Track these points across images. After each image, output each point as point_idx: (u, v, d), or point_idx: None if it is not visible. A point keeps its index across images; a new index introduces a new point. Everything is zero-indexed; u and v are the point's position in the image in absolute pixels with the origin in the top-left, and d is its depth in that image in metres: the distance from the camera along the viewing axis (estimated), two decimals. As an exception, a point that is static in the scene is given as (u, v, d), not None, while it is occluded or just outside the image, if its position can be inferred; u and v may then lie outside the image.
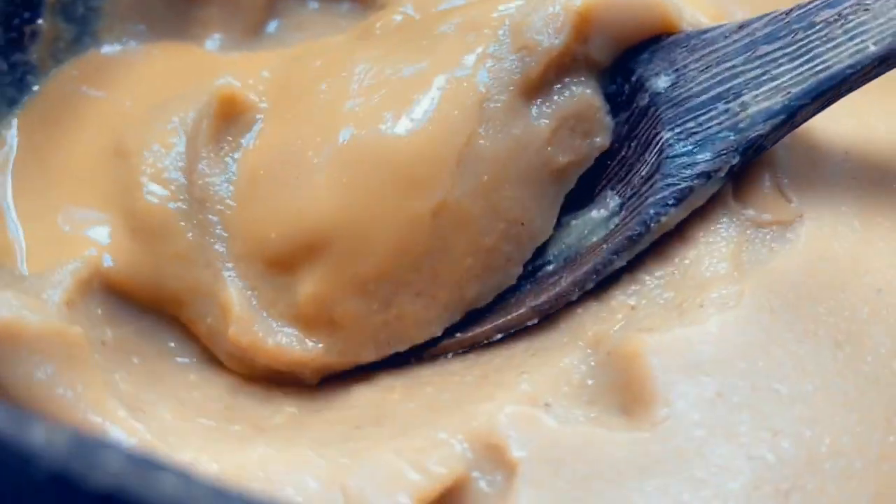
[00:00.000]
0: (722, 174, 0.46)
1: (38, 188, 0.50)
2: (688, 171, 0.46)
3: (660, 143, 0.47)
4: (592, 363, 0.44)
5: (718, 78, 0.47)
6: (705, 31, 0.49)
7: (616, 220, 0.48)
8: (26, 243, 0.48)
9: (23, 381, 0.40)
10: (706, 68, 0.48)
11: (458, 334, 0.47)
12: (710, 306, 0.43)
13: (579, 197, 0.49)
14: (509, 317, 0.47)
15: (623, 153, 0.49)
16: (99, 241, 0.48)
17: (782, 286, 0.44)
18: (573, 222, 0.49)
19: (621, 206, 0.48)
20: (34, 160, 0.51)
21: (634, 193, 0.48)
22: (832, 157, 0.49)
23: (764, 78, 0.46)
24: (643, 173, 0.48)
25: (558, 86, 0.48)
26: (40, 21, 0.54)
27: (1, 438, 0.25)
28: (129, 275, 0.47)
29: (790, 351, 0.42)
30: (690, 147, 0.47)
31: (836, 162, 0.49)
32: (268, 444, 0.41)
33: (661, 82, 0.49)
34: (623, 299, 0.45)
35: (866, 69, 0.45)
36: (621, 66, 0.49)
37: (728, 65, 0.47)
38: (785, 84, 0.46)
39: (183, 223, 0.47)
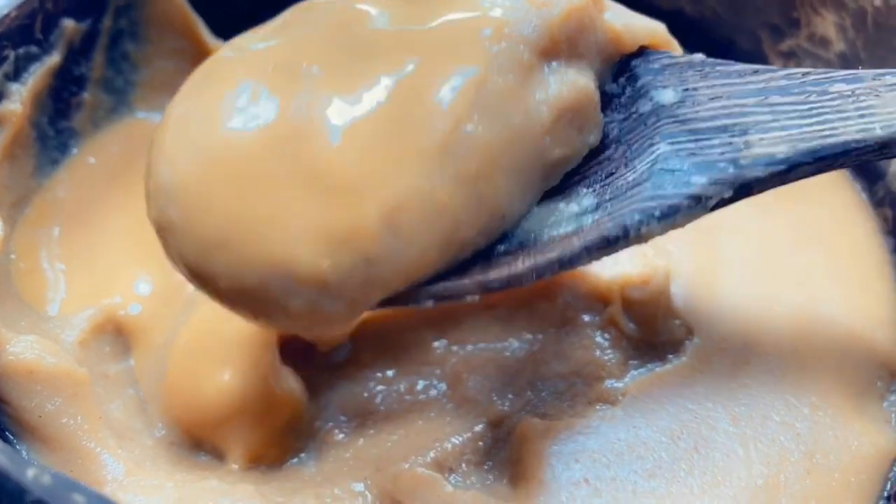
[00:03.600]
0: (711, 203, 0.45)
1: (79, 241, 0.60)
2: (680, 190, 0.45)
3: (655, 154, 0.46)
4: (495, 437, 0.53)
5: (727, 111, 0.47)
6: (720, 63, 0.49)
7: (590, 217, 0.46)
8: (62, 288, 0.58)
9: (36, 410, 0.50)
10: (716, 98, 0.48)
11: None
12: (596, 402, 0.53)
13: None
14: (448, 285, 0.44)
15: (608, 153, 0.48)
16: (123, 291, 0.57)
17: (660, 392, 0.53)
18: (535, 208, 0.46)
19: (597, 205, 0.46)
20: (78, 215, 0.60)
21: (616, 196, 0.46)
22: (728, 280, 0.58)
23: (773, 124, 0.46)
24: (629, 179, 0.46)
25: (567, 59, 0.46)
26: (85, 94, 0.64)
27: (6, 473, 0.36)
28: (140, 325, 0.57)
29: (652, 450, 0.50)
30: (687, 166, 0.45)
31: (731, 285, 0.57)
32: (221, 477, 0.51)
33: (668, 96, 0.48)
34: (528, 385, 0.54)
35: (869, 148, 0.46)
36: (626, 69, 0.50)
37: (739, 101, 0.47)
38: (792, 137, 0.46)
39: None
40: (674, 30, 0.74)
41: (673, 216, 0.44)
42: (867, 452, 0.51)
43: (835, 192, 0.63)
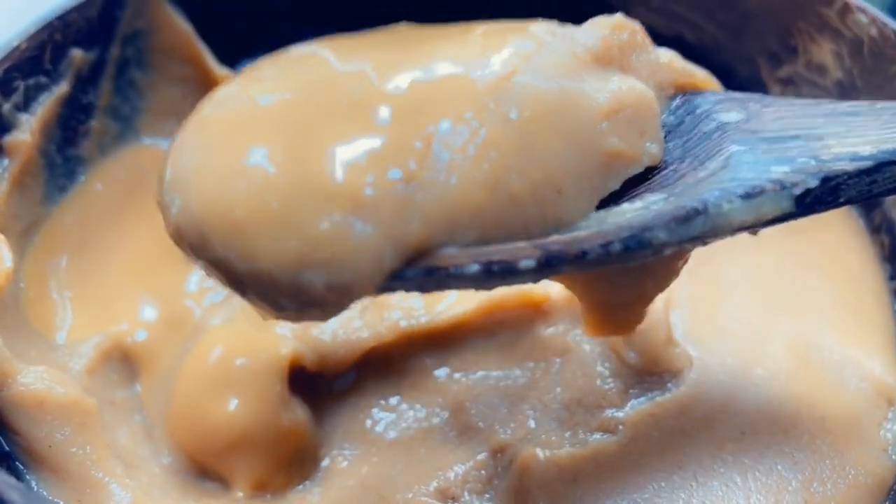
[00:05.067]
0: (798, 191, 0.41)
1: (86, 267, 0.60)
2: (761, 174, 0.41)
3: (727, 154, 0.43)
4: (497, 465, 0.53)
5: (796, 126, 0.44)
6: (782, 97, 0.48)
7: (660, 203, 0.42)
8: (70, 316, 0.59)
9: (45, 441, 0.51)
10: (782, 118, 0.45)
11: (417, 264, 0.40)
12: (596, 430, 0.53)
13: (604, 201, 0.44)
14: (499, 246, 0.40)
15: (673, 167, 0.45)
16: (130, 318, 0.58)
17: (660, 420, 0.53)
18: (592, 214, 0.43)
19: (666, 198, 0.42)
20: (86, 242, 0.61)
21: (689, 188, 0.42)
22: (727, 308, 0.58)
23: (850, 134, 0.43)
24: (700, 176, 0.43)
25: (621, 71, 0.45)
26: (92, 121, 0.65)
27: (20, 511, 0.37)
28: (147, 352, 0.58)
29: (651, 478, 0.51)
30: (765, 159, 0.42)
31: (730, 313, 0.58)
32: (227, 506, 0.52)
33: (732, 116, 0.46)
34: (530, 413, 0.55)
35: None
36: (683, 104, 0.48)
37: (807, 120, 0.45)
38: (873, 139, 0.43)
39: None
40: (673, 56, 0.77)
41: (757, 198, 0.41)
42: (864, 481, 0.51)
43: (832, 218, 0.64)
